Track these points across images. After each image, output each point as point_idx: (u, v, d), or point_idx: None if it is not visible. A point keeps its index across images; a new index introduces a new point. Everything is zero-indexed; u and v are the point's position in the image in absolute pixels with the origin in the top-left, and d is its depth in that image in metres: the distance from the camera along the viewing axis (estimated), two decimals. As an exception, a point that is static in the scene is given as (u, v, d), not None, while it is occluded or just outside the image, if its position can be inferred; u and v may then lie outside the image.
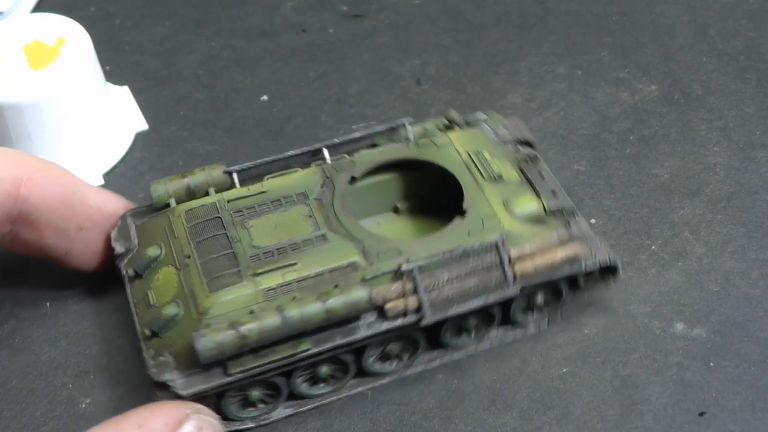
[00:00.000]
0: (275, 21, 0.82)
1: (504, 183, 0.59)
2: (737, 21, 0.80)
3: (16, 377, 0.59)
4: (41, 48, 0.68)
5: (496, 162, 0.61)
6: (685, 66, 0.77)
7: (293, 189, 0.59)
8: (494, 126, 0.64)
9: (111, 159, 0.71)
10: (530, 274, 0.56)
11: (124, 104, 0.74)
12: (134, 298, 0.57)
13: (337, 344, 0.54)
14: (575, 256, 0.57)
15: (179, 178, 0.60)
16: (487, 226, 0.57)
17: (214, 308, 0.53)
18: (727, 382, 0.57)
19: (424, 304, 0.54)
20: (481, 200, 0.58)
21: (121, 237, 0.59)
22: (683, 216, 0.66)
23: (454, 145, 0.62)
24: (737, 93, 0.74)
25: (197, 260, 0.55)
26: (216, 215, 0.58)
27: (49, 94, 0.66)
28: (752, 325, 0.60)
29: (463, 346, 0.59)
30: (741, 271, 0.63)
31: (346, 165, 0.61)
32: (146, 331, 0.54)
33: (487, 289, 0.55)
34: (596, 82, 0.76)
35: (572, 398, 0.57)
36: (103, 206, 0.59)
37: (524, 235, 0.57)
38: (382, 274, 0.54)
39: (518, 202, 0.58)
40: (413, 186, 0.63)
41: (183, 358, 0.53)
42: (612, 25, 0.80)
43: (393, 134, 0.63)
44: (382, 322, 0.54)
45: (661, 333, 0.60)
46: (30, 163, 0.57)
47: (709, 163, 0.69)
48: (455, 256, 0.55)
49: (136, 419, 0.47)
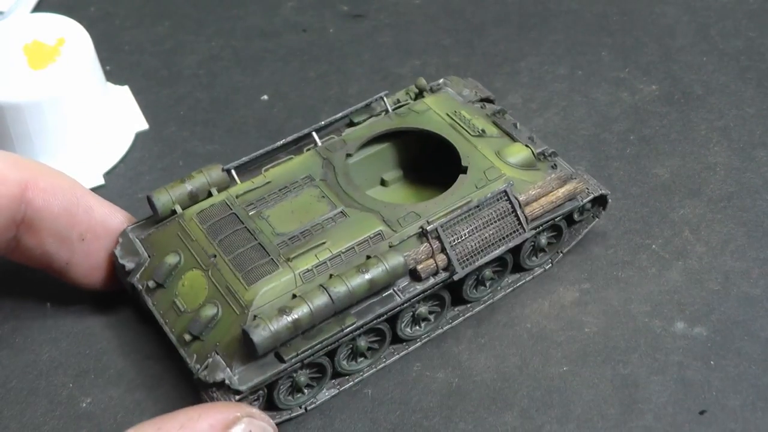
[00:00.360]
0: (275, 21, 0.82)
1: (488, 137, 0.62)
2: (738, 21, 0.80)
3: (17, 377, 0.59)
4: (41, 48, 0.68)
5: (474, 119, 0.64)
6: (685, 66, 0.77)
7: (297, 174, 0.60)
8: (457, 89, 0.67)
9: (111, 159, 0.71)
10: (539, 215, 0.59)
11: (124, 104, 0.75)
12: (159, 309, 0.56)
13: (378, 313, 0.55)
14: (575, 193, 0.60)
15: (179, 184, 0.59)
16: (490, 177, 0.59)
17: (257, 299, 0.53)
18: (728, 381, 0.57)
19: (453, 260, 0.56)
20: (476, 155, 0.61)
21: (127, 253, 0.59)
22: (684, 215, 0.66)
23: (433, 110, 0.64)
24: (738, 93, 0.74)
25: (225, 258, 0.56)
26: (229, 212, 0.58)
27: (50, 94, 0.66)
28: (752, 324, 0.60)
29: (481, 298, 0.61)
30: (741, 270, 0.63)
31: (338, 144, 0.62)
32: (186, 336, 0.54)
33: (505, 236, 0.58)
34: (597, 82, 0.76)
35: (573, 397, 0.57)
36: (106, 219, 0.59)
37: (524, 180, 0.60)
38: (408, 238, 0.56)
39: (509, 152, 0.61)
40: (398, 156, 0.65)
41: (232, 354, 0.53)
42: (612, 25, 0.80)
43: (370, 109, 0.65)
44: (416, 285, 0.56)
45: (661, 332, 0.60)
46: (37, 168, 0.57)
47: (710, 162, 0.69)
48: (471, 209, 0.57)
49: (180, 419, 0.46)
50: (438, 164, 0.64)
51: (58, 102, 0.66)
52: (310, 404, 0.56)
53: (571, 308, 0.61)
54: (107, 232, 0.59)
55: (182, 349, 0.55)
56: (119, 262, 0.58)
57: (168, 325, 0.56)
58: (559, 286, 0.63)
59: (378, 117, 0.64)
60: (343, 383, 0.57)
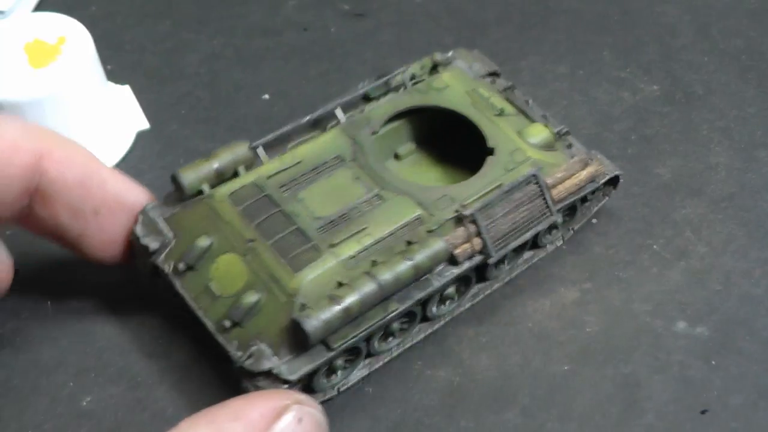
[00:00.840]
0: (277, 19, 0.82)
1: (507, 116, 0.63)
2: (739, 20, 0.80)
3: (18, 376, 0.59)
4: (42, 47, 0.68)
5: (492, 97, 0.64)
6: (686, 65, 0.77)
7: (327, 154, 0.59)
8: (467, 62, 0.67)
9: (112, 158, 0.71)
10: (564, 197, 0.60)
11: (125, 103, 0.74)
12: (190, 293, 0.55)
13: (418, 298, 0.55)
14: (595, 175, 0.61)
15: (205, 162, 0.58)
16: (517, 159, 0.60)
17: (304, 287, 0.53)
18: (729, 381, 0.57)
19: (489, 244, 0.57)
20: (500, 136, 0.61)
21: (150, 232, 0.57)
22: (685, 215, 0.66)
23: (452, 87, 0.64)
24: (739, 93, 0.74)
25: (265, 242, 0.55)
26: (263, 194, 0.57)
27: (51, 92, 0.66)
28: (754, 324, 0.60)
29: (500, 275, 0.61)
30: (743, 270, 0.63)
31: (362, 121, 0.62)
32: (225, 323, 0.53)
33: (534, 219, 0.59)
34: (597, 81, 0.76)
35: (574, 396, 0.57)
36: (122, 194, 0.57)
37: (547, 161, 0.60)
38: (445, 222, 0.56)
39: (530, 132, 0.62)
40: (412, 131, 0.65)
41: (278, 343, 0.52)
42: (613, 24, 0.80)
43: (386, 84, 0.65)
44: (452, 268, 0.56)
45: (663, 331, 0.60)
46: (52, 138, 0.56)
47: (711, 162, 0.69)
48: (504, 193, 0.58)
49: (232, 410, 0.45)
50: (453, 140, 0.64)
51: (60, 100, 0.66)
52: (342, 386, 0.56)
53: (573, 308, 0.61)
54: (122, 207, 0.57)
55: (220, 336, 0.53)
56: (141, 241, 0.56)
57: (202, 309, 0.54)
58: (560, 285, 0.63)
59: (397, 92, 0.64)
60: (372, 363, 0.57)
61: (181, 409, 0.57)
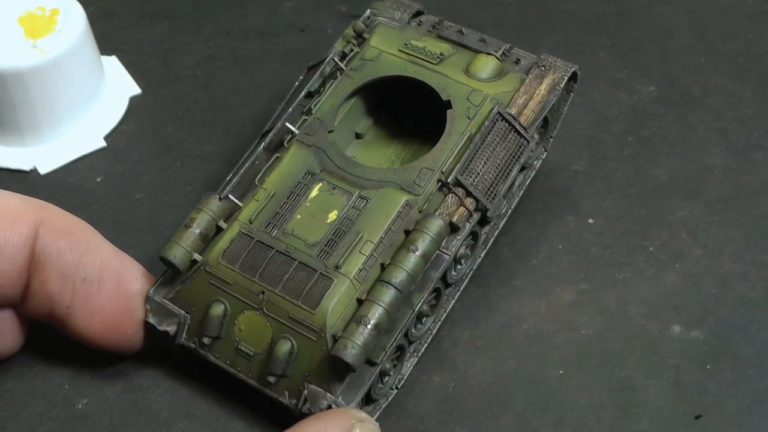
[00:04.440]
0: (274, 21, 0.82)
1: (448, 58, 0.62)
2: (736, 22, 0.80)
3: (13, 378, 0.59)
4: (36, 19, 0.70)
5: (427, 44, 0.63)
6: (683, 67, 0.76)
7: (296, 174, 0.58)
8: (388, 14, 0.66)
9: (109, 123, 0.74)
10: (534, 119, 0.59)
11: (116, 72, 0.77)
12: (224, 360, 0.55)
13: (436, 278, 0.55)
14: (554, 84, 0.61)
15: (185, 231, 0.56)
16: (476, 102, 0.59)
17: (329, 319, 0.53)
18: (724, 385, 0.57)
19: (481, 199, 0.57)
20: (450, 84, 0.60)
21: (164, 318, 0.56)
22: (681, 217, 0.66)
23: (385, 51, 0.63)
24: (736, 94, 0.74)
25: (274, 290, 0.54)
26: (253, 241, 0.56)
27: (51, 60, 0.68)
28: (750, 328, 0.60)
29: (501, 212, 0.61)
30: (739, 273, 0.63)
31: (314, 124, 0.60)
32: (270, 378, 0.54)
33: (514, 154, 0.58)
34: (595, 82, 0.75)
35: (568, 401, 0.57)
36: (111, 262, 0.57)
37: (505, 90, 0.60)
38: (433, 196, 0.56)
39: (477, 67, 0.61)
40: (365, 106, 0.64)
41: (326, 379, 0.53)
42: (611, 25, 0.80)
43: (321, 74, 0.63)
44: (455, 236, 0.56)
45: (658, 335, 0.60)
46: (49, 207, 0.57)
47: (708, 164, 0.69)
48: (477, 144, 0.57)
49: (312, 429, 0.50)
50: (408, 102, 0.64)
51: (60, 68, 0.69)
52: (399, 383, 0.57)
53: (568, 309, 0.61)
54: (110, 275, 0.56)
55: (268, 391, 0.54)
56: (159, 329, 0.56)
57: (242, 373, 0.55)
58: (556, 286, 0.63)
59: (336, 79, 0.62)
60: (418, 349, 0.58)
61: (175, 412, 0.57)
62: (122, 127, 0.74)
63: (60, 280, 0.56)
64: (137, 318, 0.57)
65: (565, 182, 0.68)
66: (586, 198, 0.67)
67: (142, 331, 0.57)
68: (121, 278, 0.57)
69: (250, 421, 0.57)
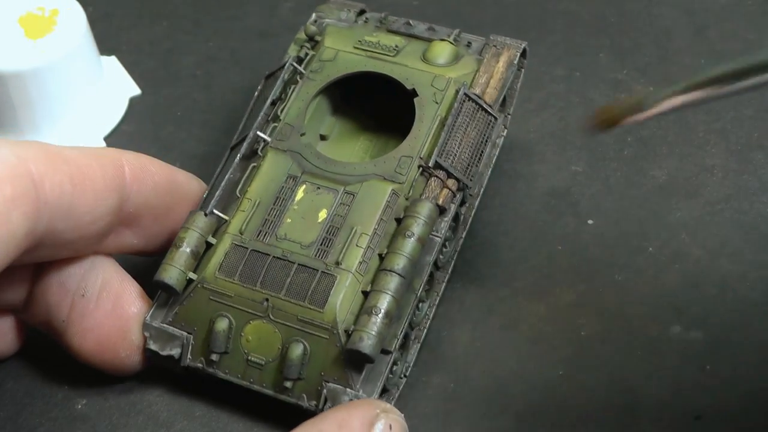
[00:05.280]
0: (273, 22, 0.82)
1: (403, 49, 0.64)
2: (736, 23, 0.80)
3: (12, 378, 0.59)
4: (36, 19, 0.70)
5: (381, 38, 0.64)
6: (683, 68, 0.76)
7: (278, 179, 0.58)
8: (333, 16, 0.68)
9: (109, 123, 0.74)
10: (497, 96, 0.62)
11: (116, 72, 0.77)
12: (236, 375, 0.55)
13: (431, 262, 0.56)
14: (510, 60, 0.63)
15: (176, 252, 0.56)
16: (440, 87, 0.61)
17: (339, 314, 0.53)
18: (724, 386, 0.57)
19: (461, 178, 0.58)
20: (412, 73, 0.62)
21: (166, 342, 0.56)
22: (680, 218, 0.66)
23: (341, 50, 0.64)
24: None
25: (278, 296, 0.54)
26: (248, 251, 0.56)
27: (52, 61, 0.68)
28: (749, 328, 0.60)
29: (475, 188, 0.62)
30: (738, 274, 0.63)
31: (285, 130, 0.61)
32: (286, 384, 0.53)
33: (484, 131, 0.60)
34: (594, 83, 0.75)
35: (568, 402, 0.57)
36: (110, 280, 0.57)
37: (464, 73, 0.62)
38: (416, 182, 0.57)
39: (434, 54, 0.63)
40: (326, 107, 0.65)
41: (343, 375, 0.53)
42: (610, 26, 0.80)
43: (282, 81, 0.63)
44: (443, 218, 0.57)
45: (657, 335, 0.60)
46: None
47: (707, 164, 0.69)
48: (450, 126, 0.59)
49: (336, 419, 0.50)
50: (369, 97, 0.65)
51: (60, 69, 0.69)
52: (406, 371, 0.57)
53: (568, 310, 0.61)
54: (109, 295, 0.56)
55: (286, 397, 0.54)
56: (162, 354, 0.55)
57: (256, 384, 0.55)
58: (555, 287, 0.63)
59: (297, 84, 0.63)
60: (419, 335, 0.58)
61: (175, 413, 0.57)
62: (122, 127, 0.74)
63: (60, 291, 0.56)
64: (131, 340, 0.56)
65: (564, 183, 0.68)
66: (586, 199, 0.67)
67: (136, 356, 0.57)
68: (119, 300, 0.56)
69: (251, 421, 0.57)
